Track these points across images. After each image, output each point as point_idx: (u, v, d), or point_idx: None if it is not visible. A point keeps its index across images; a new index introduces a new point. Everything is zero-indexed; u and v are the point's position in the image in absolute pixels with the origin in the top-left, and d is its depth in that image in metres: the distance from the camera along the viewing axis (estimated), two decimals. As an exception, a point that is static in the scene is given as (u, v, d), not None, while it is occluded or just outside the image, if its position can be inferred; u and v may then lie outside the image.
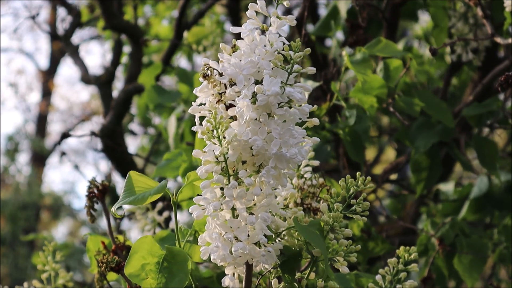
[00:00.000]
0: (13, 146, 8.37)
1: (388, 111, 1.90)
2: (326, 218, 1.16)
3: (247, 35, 1.10)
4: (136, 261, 1.10)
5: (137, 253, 1.10)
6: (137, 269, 1.09)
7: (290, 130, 1.07)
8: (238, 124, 1.07)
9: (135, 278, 1.09)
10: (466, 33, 2.07)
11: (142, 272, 1.09)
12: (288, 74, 1.08)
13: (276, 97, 1.05)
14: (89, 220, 1.46)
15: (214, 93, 1.09)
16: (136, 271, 1.09)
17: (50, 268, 1.58)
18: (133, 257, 1.10)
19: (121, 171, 2.71)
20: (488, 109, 1.97)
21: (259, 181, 1.08)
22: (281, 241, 1.18)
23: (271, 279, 1.21)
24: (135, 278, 1.09)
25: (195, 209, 1.10)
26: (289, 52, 1.09)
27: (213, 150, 1.07)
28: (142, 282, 1.09)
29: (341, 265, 1.18)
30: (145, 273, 1.09)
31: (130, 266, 1.09)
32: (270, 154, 1.06)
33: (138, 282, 1.09)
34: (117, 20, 2.65)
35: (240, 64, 1.08)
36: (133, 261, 1.10)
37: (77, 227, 9.36)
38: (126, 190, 1.11)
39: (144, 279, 1.09)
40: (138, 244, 1.11)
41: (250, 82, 1.07)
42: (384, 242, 1.88)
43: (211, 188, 1.08)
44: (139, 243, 1.11)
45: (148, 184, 1.13)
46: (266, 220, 1.08)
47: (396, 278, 1.26)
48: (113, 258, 1.26)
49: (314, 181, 1.37)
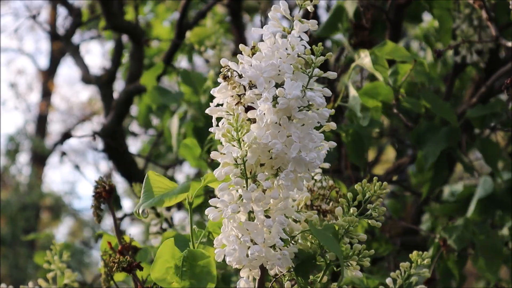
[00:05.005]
0: (13, 146, 8.34)
1: (390, 113, 1.90)
2: (341, 222, 1.15)
3: (268, 38, 1.09)
4: (161, 265, 1.09)
5: (162, 257, 1.10)
6: (163, 273, 1.09)
7: (310, 134, 1.06)
8: (258, 126, 1.06)
9: (162, 282, 1.09)
10: (471, 35, 2.08)
11: (168, 276, 1.09)
12: (308, 78, 1.08)
13: (297, 100, 1.04)
14: (95, 220, 1.45)
15: (233, 94, 1.09)
16: (161, 275, 1.09)
17: (56, 267, 1.57)
18: (158, 261, 1.09)
19: (122, 172, 2.70)
20: (492, 111, 1.97)
21: (277, 184, 1.08)
22: (295, 244, 1.17)
23: (284, 282, 1.21)
24: (161, 282, 1.09)
25: (211, 211, 1.09)
26: (310, 56, 1.08)
27: (231, 152, 1.06)
28: (170, 286, 1.09)
29: (354, 269, 1.18)
30: (170, 276, 1.09)
31: (156, 270, 1.09)
32: (290, 158, 1.05)
33: (165, 286, 1.09)
34: (118, 20, 2.64)
35: (261, 67, 1.07)
36: (158, 265, 1.09)
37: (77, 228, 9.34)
38: (145, 191, 1.10)
39: (171, 282, 1.09)
40: (163, 248, 1.10)
41: (270, 85, 1.06)
42: (388, 243, 1.88)
43: (228, 190, 1.08)
44: (164, 247, 1.10)
45: (167, 185, 1.12)
46: (283, 223, 1.07)
47: (407, 282, 1.26)
48: (125, 258, 1.26)
49: (324, 183, 1.37)
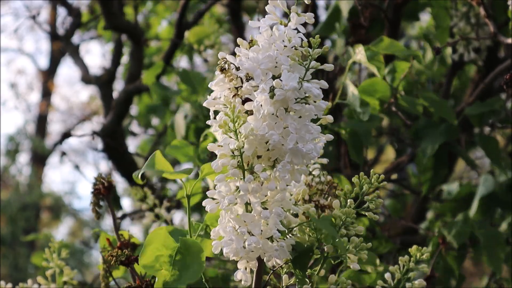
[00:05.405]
0: (13, 146, 8.34)
1: (389, 112, 1.90)
2: (338, 213, 1.16)
3: (265, 30, 1.10)
4: (151, 252, 1.10)
5: (151, 244, 1.11)
6: (152, 260, 1.10)
7: (307, 126, 1.07)
8: (255, 118, 1.07)
9: (150, 269, 1.10)
10: (468, 33, 2.08)
11: (157, 263, 1.10)
12: (305, 70, 1.08)
13: (294, 92, 1.05)
14: (94, 217, 1.45)
15: (230, 87, 1.09)
16: (150, 262, 1.10)
17: (55, 265, 1.57)
18: (147, 248, 1.10)
19: (122, 171, 2.71)
20: (491, 108, 1.98)
21: (274, 176, 1.08)
22: (292, 237, 1.18)
23: (282, 275, 1.21)
24: (149, 269, 1.10)
25: (208, 203, 1.09)
26: (307, 49, 1.09)
27: (228, 144, 1.07)
28: (157, 273, 1.09)
29: (351, 262, 1.19)
30: (160, 264, 1.09)
31: (145, 257, 1.10)
32: (286, 149, 1.06)
33: (152, 273, 1.10)
34: (118, 20, 2.65)
35: (258, 59, 1.08)
36: (147, 252, 1.10)
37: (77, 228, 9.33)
38: (149, 164, 1.13)
39: (158, 270, 1.09)
40: (153, 236, 1.11)
41: (267, 77, 1.07)
42: (388, 241, 1.88)
43: (225, 182, 1.08)
44: (154, 235, 1.11)
45: (169, 168, 1.14)
46: (280, 215, 1.08)
47: (406, 276, 1.27)
48: (123, 252, 1.26)
49: (323, 178, 1.37)
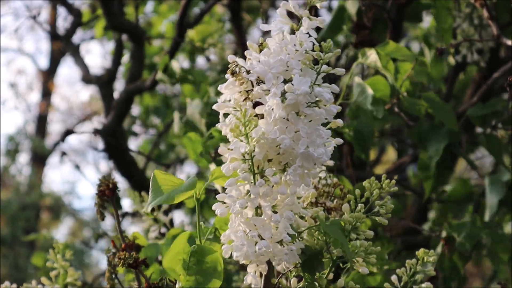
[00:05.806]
0: (13, 146, 8.32)
1: (391, 112, 1.90)
2: (348, 218, 1.16)
3: (277, 34, 1.10)
4: (174, 255, 1.11)
5: (175, 248, 1.13)
6: (174, 263, 1.11)
7: (318, 130, 1.07)
8: (266, 122, 1.06)
9: (172, 272, 1.11)
10: (472, 34, 2.08)
11: (177, 267, 1.11)
12: (317, 74, 1.08)
13: (305, 96, 1.05)
14: (99, 218, 1.44)
15: (241, 90, 1.09)
16: (172, 265, 1.12)
17: (59, 265, 1.56)
18: (171, 251, 1.12)
19: (122, 171, 2.70)
20: (493, 109, 1.98)
21: (285, 179, 1.08)
22: (301, 240, 1.17)
23: (291, 278, 1.21)
24: (171, 271, 1.11)
25: (218, 207, 1.10)
26: (319, 53, 1.09)
27: (239, 147, 1.06)
28: (178, 277, 1.11)
29: (360, 266, 1.19)
30: (179, 268, 1.11)
31: (168, 259, 1.12)
32: (297, 153, 1.06)
33: (174, 276, 1.11)
34: (119, 20, 2.65)
35: (269, 62, 1.07)
36: (170, 255, 1.12)
37: (77, 228, 9.32)
38: (154, 189, 1.10)
39: (179, 274, 1.10)
40: (179, 239, 1.13)
41: (279, 81, 1.07)
42: (390, 242, 1.89)
43: (235, 186, 1.08)
44: (180, 238, 1.13)
45: (174, 182, 1.12)
46: (290, 219, 1.08)
47: (412, 279, 1.27)
48: (131, 254, 1.26)
49: (329, 180, 1.37)
